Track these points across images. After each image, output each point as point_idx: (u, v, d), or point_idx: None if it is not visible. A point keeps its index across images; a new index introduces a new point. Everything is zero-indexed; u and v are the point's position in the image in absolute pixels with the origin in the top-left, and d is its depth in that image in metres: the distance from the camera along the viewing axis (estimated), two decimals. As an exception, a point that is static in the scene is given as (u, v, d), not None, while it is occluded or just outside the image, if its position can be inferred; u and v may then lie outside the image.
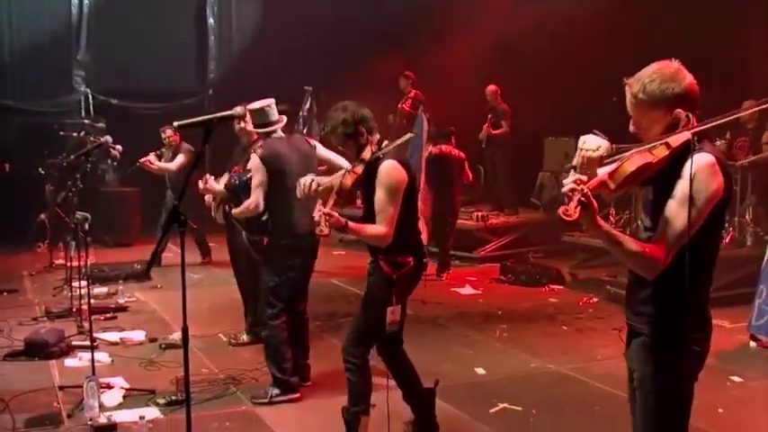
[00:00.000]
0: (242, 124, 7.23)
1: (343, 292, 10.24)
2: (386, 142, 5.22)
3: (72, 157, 9.59)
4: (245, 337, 7.89)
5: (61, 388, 6.60)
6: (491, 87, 13.87)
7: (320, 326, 8.35)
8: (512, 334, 8.27)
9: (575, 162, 3.25)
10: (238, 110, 4.76)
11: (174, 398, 6.17)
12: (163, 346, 7.74)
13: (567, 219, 2.95)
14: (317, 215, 4.68)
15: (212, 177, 7.09)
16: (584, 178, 3.05)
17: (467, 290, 10.45)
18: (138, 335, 8.15)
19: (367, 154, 5.05)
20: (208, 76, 17.01)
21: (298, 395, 6.37)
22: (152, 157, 11.65)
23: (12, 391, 6.44)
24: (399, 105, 14.54)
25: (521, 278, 10.67)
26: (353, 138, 5.07)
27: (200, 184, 7.08)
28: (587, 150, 3.30)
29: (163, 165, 11.72)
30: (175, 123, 4.27)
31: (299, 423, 6.02)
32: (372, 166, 5.02)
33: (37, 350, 7.45)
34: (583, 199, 2.96)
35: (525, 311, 9.22)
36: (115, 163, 11.85)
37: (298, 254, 6.30)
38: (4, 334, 8.27)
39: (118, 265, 11.45)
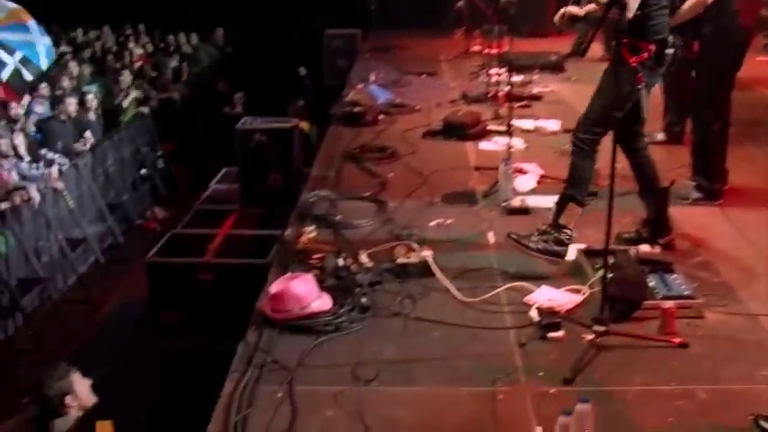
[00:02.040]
0: None
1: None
2: None
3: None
4: (659, 136, 7.48)
5: (477, 169, 6.72)
6: None
7: (738, 132, 7.70)
8: None
9: None
10: None
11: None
12: (576, 136, 7.58)
13: None
14: None
15: None
16: None
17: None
18: (553, 124, 8.02)
19: None
20: None
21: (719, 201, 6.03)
22: None
23: (429, 168, 6.66)
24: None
25: None
26: None
27: None
28: None
29: None
30: None
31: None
32: None
33: (454, 131, 7.66)
34: None
35: None
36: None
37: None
38: (423, 113, 8.57)
39: (533, 54, 11.24)
